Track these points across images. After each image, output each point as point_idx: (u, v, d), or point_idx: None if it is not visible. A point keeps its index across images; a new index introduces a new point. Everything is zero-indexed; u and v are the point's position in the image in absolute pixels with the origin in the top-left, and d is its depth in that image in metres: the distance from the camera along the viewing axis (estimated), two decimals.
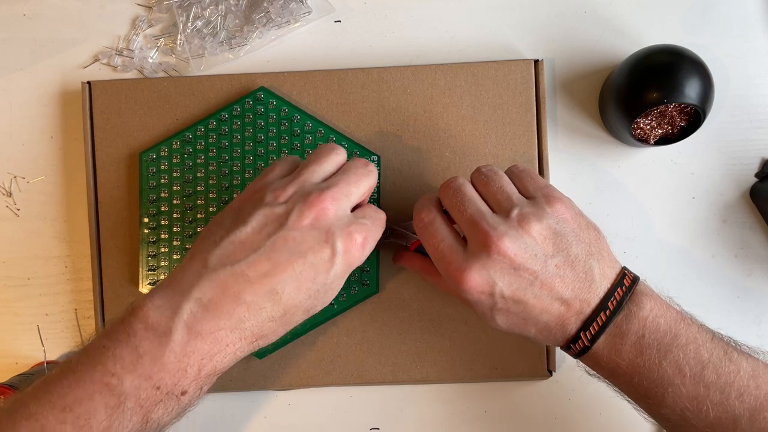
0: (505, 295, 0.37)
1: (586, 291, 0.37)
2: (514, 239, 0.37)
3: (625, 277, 0.38)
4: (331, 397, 0.51)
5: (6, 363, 0.51)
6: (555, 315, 0.37)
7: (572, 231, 0.38)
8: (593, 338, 0.37)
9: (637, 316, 0.37)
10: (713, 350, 0.37)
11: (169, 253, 0.49)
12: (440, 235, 0.39)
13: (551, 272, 0.37)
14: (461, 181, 0.41)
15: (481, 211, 0.38)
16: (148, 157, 0.49)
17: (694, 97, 0.44)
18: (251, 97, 0.48)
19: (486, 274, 0.37)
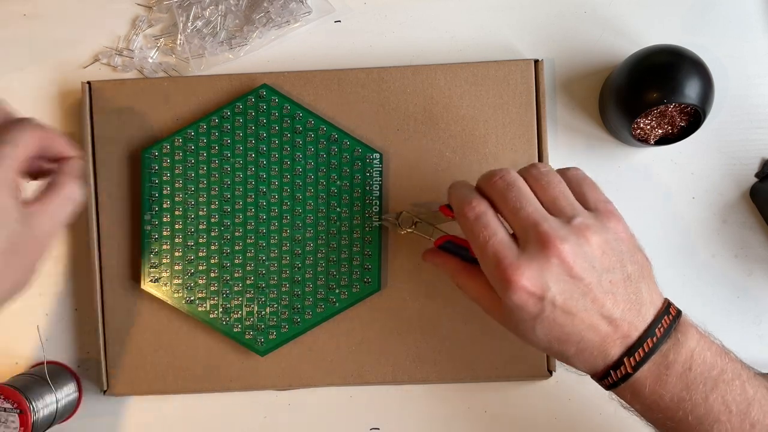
0: (557, 302, 0.35)
1: (635, 314, 0.36)
2: (575, 246, 0.35)
3: (670, 307, 0.37)
4: (331, 397, 0.51)
5: (6, 363, 0.51)
6: (600, 334, 0.36)
7: (628, 251, 0.37)
8: (637, 365, 0.35)
9: (685, 347, 0.36)
10: (758, 387, 0.36)
11: (170, 250, 0.49)
12: (492, 228, 0.37)
13: (605, 287, 0.36)
14: (515, 175, 0.39)
15: (541, 211, 0.37)
16: (150, 154, 0.49)
17: (694, 97, 0.44)
18: (253, 95, 0.48)
19: (541, 275, 0.35)
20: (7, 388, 0.46)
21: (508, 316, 0.38)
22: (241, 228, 0.48)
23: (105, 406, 0.52)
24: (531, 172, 0.39)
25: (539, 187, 0.38)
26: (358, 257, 0.48)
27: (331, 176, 0.48)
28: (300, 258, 0.48)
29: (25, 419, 0.45)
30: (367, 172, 0.48)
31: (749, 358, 0.39)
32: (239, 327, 0.48)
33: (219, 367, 0.50)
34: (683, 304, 0.39)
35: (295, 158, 0.48)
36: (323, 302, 0.48)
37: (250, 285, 0.48)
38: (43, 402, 0.47)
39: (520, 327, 0.37)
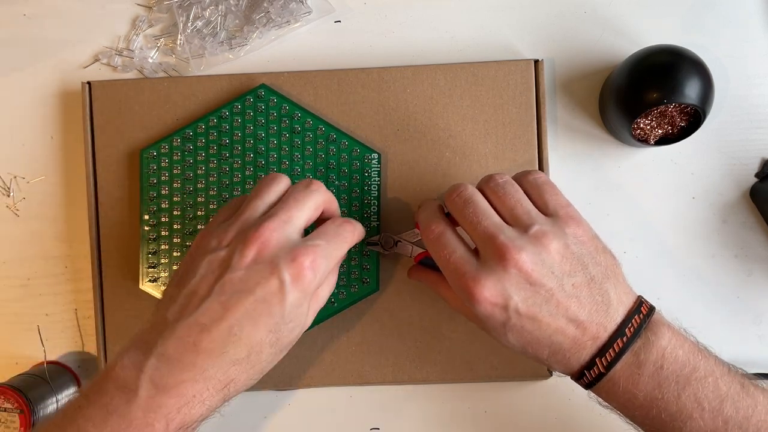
0: (520, 310, 0.36)
1: (603, 315, 0.37)
2: (532, 254, 0.36)
3: (642, 305, 0.38)
4: (331, 397, 0.51)
5: (6, 363, 0.51)
6: (569, 337, 0.37)
7: (589, 253, 0.38)
8: (609, 365, 0.36)
9: (656, 346, 0.36)
10: (731, 384, 0.36)
11: (169, 250, 0.49)
12: (451, 246, 0.39)
13: (568, 291, 0.36)
14: (472, 191, 0.40)
15: (497, 223, 0.38)
16: (149, 154, 0.49)
17: (694, 97, 0.44)
18: (252, 95, 0.48)
19: (501, 286, 0.36)
20: (7, 388, 0.46)
21: (483, 325, 0.39)
22: None
23: None
24: (489, 185, 0.40)
25: (496, 199, 0.39)
26: (356, 257, 0.48)
27: (330, 176, 0.48)
28: None
29: (25, 419, 0.45)
30: (366, 172, 0.48)
31: (749, 358, 0.39)
32: None
33: None
34: (683, 304, 0.39)
35: (294, 158, 0.48)
36: None
37: None
38: (43, 402, 0.47)
39: (494, 334, 0.39)
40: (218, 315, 0.35)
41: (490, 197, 0.40)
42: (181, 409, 0.35)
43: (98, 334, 0.49)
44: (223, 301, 0.35)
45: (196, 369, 0.35)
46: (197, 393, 0.35)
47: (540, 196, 0.40)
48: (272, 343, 0.37)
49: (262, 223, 0.37)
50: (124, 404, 0.34)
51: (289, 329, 0.37)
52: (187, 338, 0.35)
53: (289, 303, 0.36)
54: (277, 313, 0.36)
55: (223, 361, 0.35)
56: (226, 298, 0.35)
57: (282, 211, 0.37)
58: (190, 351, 0.35)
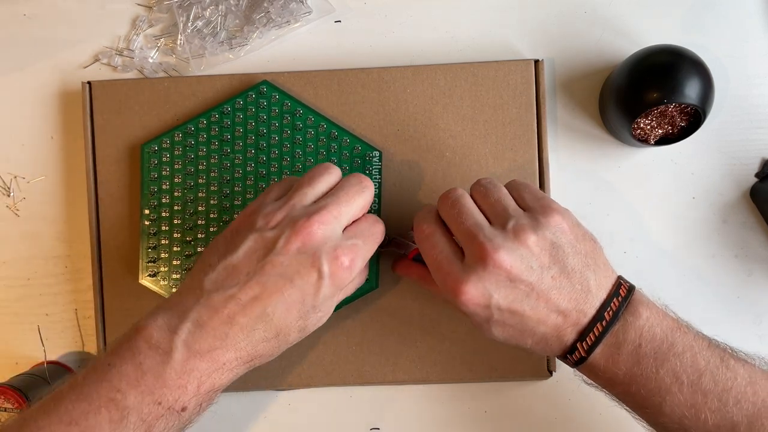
0: (502, 307, 0.37)
1: (583, 302, 0.37)
2: (510, 251, 0.37)
3: (621, 287, 0.38)
4: (331, 397, 0.51)
5: (6, 363, 0.51)
6: (552, 326, 0.38)
7: (569, 242, 0.38)
8: (590, 349, 0.37)
9: (634, 326, 0.37)
10: (710, 358, 0.37)
11: (169, 244, 0.49)
12: (439, 246, 0.39)
13: (547, 284, 0.37)
14: (459, 193, 0.41)
15: (479, 223, 0.39)
16: (150, 148, 0.49)
17: (694, 97, 0.44)
18: (254, 91, 0.48)
19: (482, 286, 0.37)
20: (7, 388, 0.46)
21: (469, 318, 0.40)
22: None
23: None
24: (474, 187, 0.42)
25: (479, 198, 0.41)
26: None
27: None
28: None
29: None
30: (367, 170, 0.48)
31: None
32: None
33: None
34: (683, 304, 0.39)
35: (295, 155, 0.48)
36: None
37: None
38: None
39: (479, 329, 0.40)
40: (256, 294, 0.36)
41: (475, 197, 0.41)
42: (211, 374, 0.37)
43: (98, 334, 0.49)
44: (262, 282, 0.36)
45: (228, 340, 0.36)
46: (227, 361, 0.37)
47: (518, 194, 0.41)
48: (300, 329, 0.39)
49: (313, 214, 0.38)
50: (159, 364, 0.35)
51: (317, 318, 0.39)
52: (223, 310, 0.36)
53: (322, 295, 0.38)
54: (309, 303, 0.37)
55: (253, 337, 0.37)
56: (266, 279, 0.37)
57: (333, 206, 0.38)
58: (224, 322, 0.36)
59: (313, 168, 0.41)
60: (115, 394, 0.35)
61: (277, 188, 0.41)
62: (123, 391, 0.35)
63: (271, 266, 0.37)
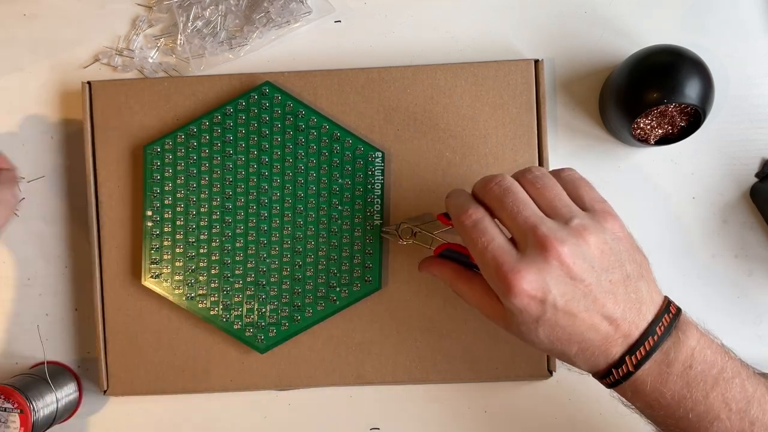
0: (558, 304, 0.35)
1: (636, 313, 0.36)
2: (574, 247, 0.35)
3: (670, 305, 0.37)
4: (331, 397, 0.51)
5: (6, 363, 0.51)
6: (601, 334, 0.36)
7: (626, 250, 0.37)
8: (638, 364, 0.36)
9: (686, 345, 0.36)
10: (757, 386, 0.36)
11: (172, 246, 0.49)
12: (490, 234, 0.37)
13: (605, 287, 0.36)
14: (511, 180, 0.39)
15: (539, 215, 0.37)
16: (153, 150, 0.49)
17: (694, 97, 0.44)
18: (256, 92, 0.48)
19: (541, 278, 0.35)
20: (7, 388, 0.46)
21: (509, 320, 0.38)
22: (242, 225, 0.48)
23: (105, 406, 0.52)
24: (526, 177, 0.39)
25: (535, 191, 0.39)
26: (358, 255, 0.48)
27: (333, 174, 0.48)
28: (301, 256, 0.48)
29: (25, 419, 0.45)
30: (369, 171, 0.48)
31: (749, 358, 0.39)
32: (239, 324, 0.48)
33: (219, 366, 0.50)
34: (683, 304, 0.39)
35: (297, 156, 0.48)
36: (323, 300, 0.48)
37: (250, 282, 0.48)
38: (43, 402, 0.47)
39: (522, 330, 0.38)
40: None
41: (528, 189, 0.39)
42: None
43: (98, 334, 0.49)
44: None
45: None
46: None
47: (576, 191, 0.39)
48: None
49: None
50: None
51: None
52: None
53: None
54: None
55: None
56: None
57: None
58: None
59: None
60: None
61: None
62: None
63: None
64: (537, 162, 0.49)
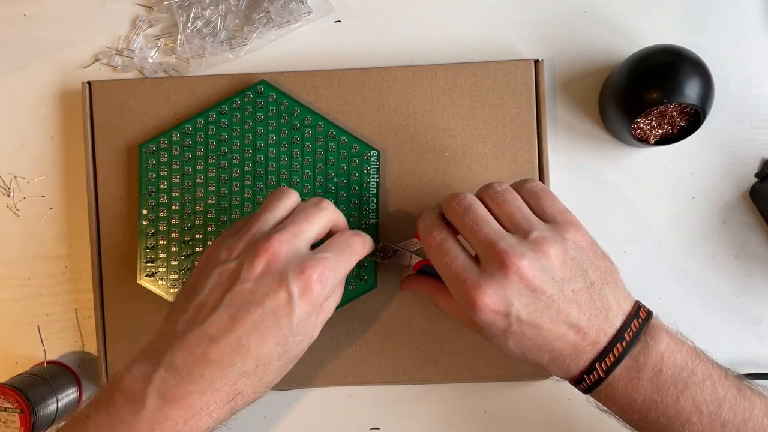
0: (521, 317, 0.36)
1: (602, 320, 0.37)
2: (533, 260, 0.36)
3: (640, 310, 0.38)
4: (331, 397, 0.51)
5: (6, 363, 0.51)
6: (570, 343, 0.37)
7: (588, 258, 0.38)
8: (609, 369, 0.36)
9: (655, 350, 0.36)
10: (728, 387, 0.36)
11: (167, 245, 0.49)
12: (453, 253, 0.38)
13: (568, 297, 0.36)
14: (471, 198, 0.40)
15: (497, 230, 0.38)
16: (148, 148, 0.49)
17: (694, 97, 0.44)
18: (251, 91, 0.48)
19: (503, 294, 0.36)
20: (7, 388, 0.46)
21: (482, 332, 0.39)
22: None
23: None
24: (488, 193, 0.40)
25: (496, 206, 0.40)
26: None
27: (329, 173, 0.48)
28: None
29: (25, 419, 0.45)
30: (365, 170, 0.49)
31: (749, 358, 0.39)
32: None
33: None
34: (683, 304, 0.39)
35: (293, 155, 0.48)
36: None
37: None
38: (43, 402, 0.47)
39: (494, 341, 0.39)
40: (227, 326, 0.35)
41: (489, 205, 0.40)
42: (188, 421, 0.35)
43: (98, 334, 0.49)
44: (231, 313, 0.35)
45: (204, 381, 0.35)
46: (204, 405, 0.35)
47: (537, 203, 0.40)
48: (279, 356, 0.37)
49: (271, 235, 0.37)
50: (131, 415, 0.34)
51: (296, 342, 0.37)
52: (196, 349, 0.35)
53: (297, 316, 0.36)
54: (285, 326, 0.36)
55: (231, 373, 0.35)
56: (234, 309, 0.35)
57: (292, 225, 0.38)
58: (198, 362, 0.35)
59: (270, 194, 0.40)
60: None
61: (237, 224, 0.41)
62: None
63: (239, 295, 0.35)
64: (537, 162, 0.49)
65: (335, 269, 0.37)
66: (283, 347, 0.36)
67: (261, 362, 0.36)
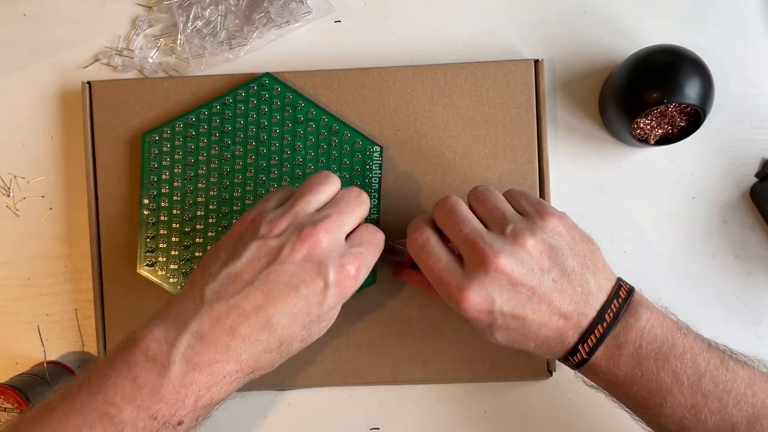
0: (505, 311, 0.37)
1: (584, 304, 0.37)
2: (510, 255, 0.37)
3: (620, 289, 0.38)
4: (331, 397, 0.51)
5: (6, 363, 0.51)
6: (554, 329, 0.38)
7: (567, 244, 0.38)
8: (591, 350, 0.37)
9: (634, 327, 0.37)
10: (710, 359, 0.37)
11: (168, 235, 0.49)
12: (435, 255, 0.39)
13: (548, 287, 0.37)
14: (454, 200, 0.41)
15: (477, 229, 0.39)
16: (151, 138, 0.49)
17: (694, 97, 0.44)
18: (256, 83, 0.48)
19: (485, 292, 0.37)
20: (7, 388, 0.46)
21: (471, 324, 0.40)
22: (238, 216, 0.48)
23: None
24: (472, 193, 0.42)
25: (477, 204, 0.41)
26: None
27: (331, 167, 0.48)
28: None
29: None
30: (367, 165, 0.49)
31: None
32: None
33: None
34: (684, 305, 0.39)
35: (296, 148, 0.48)
36: None
37: None
38: None
39: (481, 335, 0.40)
40: (259, 303, 0.36)
41: (472, 204, 0.41)
42: (210, 387, 0.35)
43: (98, 334, 0.49)
44: (266, 291, 0.36)
45: (229, 351, 0.35)
46: (227, 374, 0.36)
47: (516, 200, 0.41)
48: (303, 339, 0.38)
49: (318, 223, 0.37)
50: (155, 378, 0.34)
51: (320, 328, 0.39)
52: (225, 321, 0.35)
53: (327, 304, 0.37)
54: (315, 312, 0.37)
55: (256, 348, 0.36)
56: (269, 288, 0.36)
57: (336, 215, 0.38)
58: (226, 334, 0.35)
59: (314, 175, 0.41)
60: (109, 407, 0.34)
61: (278, 195, 0.41)
62: (118, 406, 0.34)
63: (275, 274, 0.36)
64: (537, 162, 0.49)
65: (368, 265, 0.39)
66: (308, 331, 0.38)
67: (285, 342, 0.37)
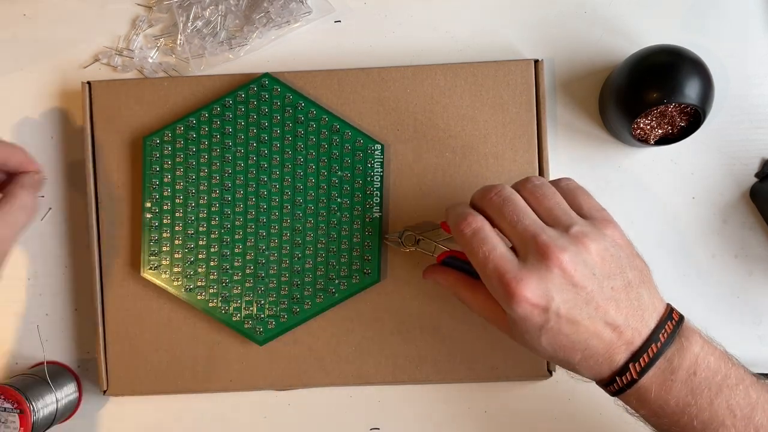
0: (561, 313, 0.35)
1: (638, 320, 0.36)
2: (574, 254, 0.35)
3: (673, 312, 0.37)
4: (331, 397, 0.51)
5: (6, 363, 0.51)
6: (605, 341, 0.36)
7: (626, 257, 0.37)
8: (642, 371, 0.36)
9: (689, 352, 0.36)
10: (760, 392, 0.36)
11: (170, 238, 0.49)
12: (491, 242, 0.37)
13: (607, 294, 0.36)
14: (510, 190, 0.39)
15: (539, 223, 0.37)
16: (152, 141, 0.49)
17: (694, 97, 0.44)
18: (256, 84, 0.48)
19: (544, 286, 0.35)
20: (7, 388, 0.46)
21: (513, 328, 0.38)
22: (241, 217, 0.48)
23: (105, 406, 0.52)
24: (526, 186, 0.40)
25: (534, 200, 0.39)
26: (358, 248, 0.48)
27: (333, 166, 0.48)
28: (300, 248, 0.48)
29: (25, 419, 0.45)
30: (369, 163, 0.49)
31: (749, 359, 0.39)
32: (238, 316, 0.48)
33: (219, 367, 0.50)
34: (684, 305, 0.39)
35: (297, 148, 0.48)
36: (322, 292, 0.48)
37: (249, 274, 0.48)
38: (43, 402, 0.47)
39: (526, 338, 0.38)
40: None
41: (528, 198, 0.39)
42: None
43: (98, 334, 0.49)
44: None
45: None
46: None
47: (574, 200, 0.39)
48: None
49: None
50: None
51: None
52: None
53: None
54: None
55: None
56: None
57: None
58: None
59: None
60: None
61: None
62: None
63: None
64: (537, 162, 0.49)
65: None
66: None
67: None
